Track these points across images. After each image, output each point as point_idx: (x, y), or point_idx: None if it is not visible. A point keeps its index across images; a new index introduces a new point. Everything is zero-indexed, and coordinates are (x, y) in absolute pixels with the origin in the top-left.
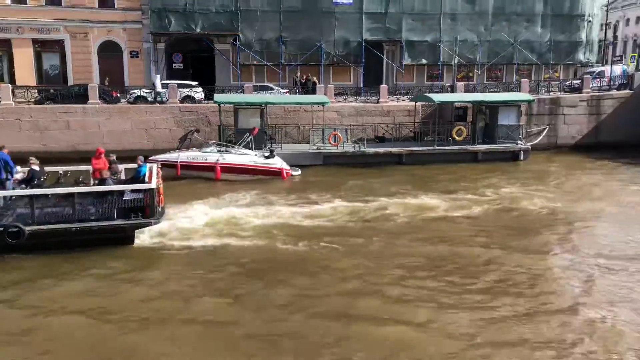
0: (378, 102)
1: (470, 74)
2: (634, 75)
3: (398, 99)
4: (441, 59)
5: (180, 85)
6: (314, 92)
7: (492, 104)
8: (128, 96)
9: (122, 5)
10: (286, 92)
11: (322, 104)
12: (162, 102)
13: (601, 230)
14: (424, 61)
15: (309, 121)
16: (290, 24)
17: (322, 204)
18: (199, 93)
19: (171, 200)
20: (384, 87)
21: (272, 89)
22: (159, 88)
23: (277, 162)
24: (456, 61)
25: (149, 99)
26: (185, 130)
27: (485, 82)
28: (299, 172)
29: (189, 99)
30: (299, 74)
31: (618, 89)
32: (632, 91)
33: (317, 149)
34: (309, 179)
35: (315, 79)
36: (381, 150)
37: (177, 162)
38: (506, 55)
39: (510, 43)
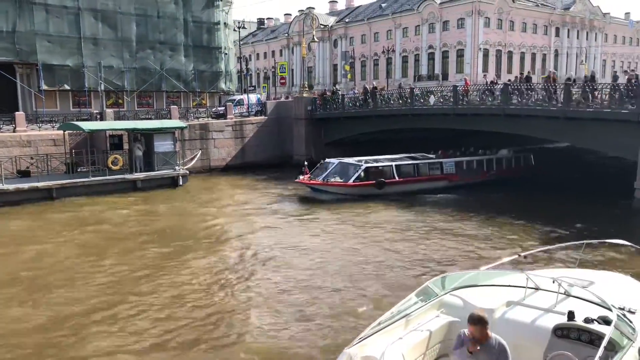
0: (14, 131)
1: (120, 101)
2: (266, 103)
3: (40, 127)
4: (87, 85)
5: None
6: None
7: (147, 131)
8: None
9: None
10: None
11: None
12: None
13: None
14: (66, 86)
15: None
16: None
17: None
18: None
19: None
20: (20, 114)
21: None
22: None
23: None
24: (102, 87)
25: None
26: None
27: (136, 108)
28: None
29: None
30: None
31: (256, 115)
32: (266, 117)
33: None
34: None
35: None
36: (25, 186)
37: None
38: (154, 82)
39: (158, 71)
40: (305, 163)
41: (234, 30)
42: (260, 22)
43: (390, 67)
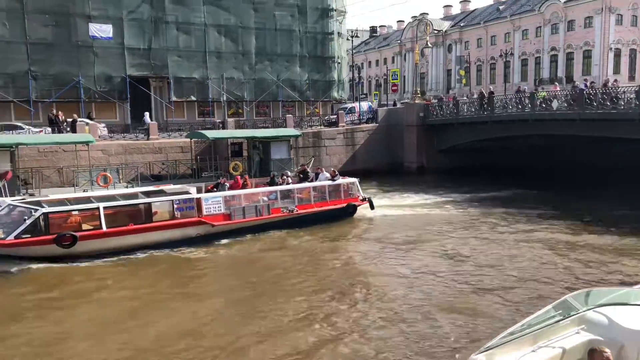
0: (148, 139)
1: (240, 110)
2: (378, 111)
3: (169, 135)
4: (210, 96)
5: None
6: (73, 130)
7: (264, 139)
8: None
9: None
10: (40, 131)
11: (86, 143)
12: None
13: None
14: (193, 98)
15: (70, 162)
16: (41, 57)
17: None
18: None
19: None
20: (153, 124)
21: (21, 128)
22: None
23: None
24: (225, 98)
25: None
26: None
27: (254, 117)
28: None
29: None
30: (55, 111)
31: (367, 122)
32: (377, 124)
33: (84, 191)
34: None
35: (75, 116)
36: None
37: None
38: (271, 92)
39: (274, 81)
40: None
41: (347, 39)
42: (373, 30)
43: (508, 70)
